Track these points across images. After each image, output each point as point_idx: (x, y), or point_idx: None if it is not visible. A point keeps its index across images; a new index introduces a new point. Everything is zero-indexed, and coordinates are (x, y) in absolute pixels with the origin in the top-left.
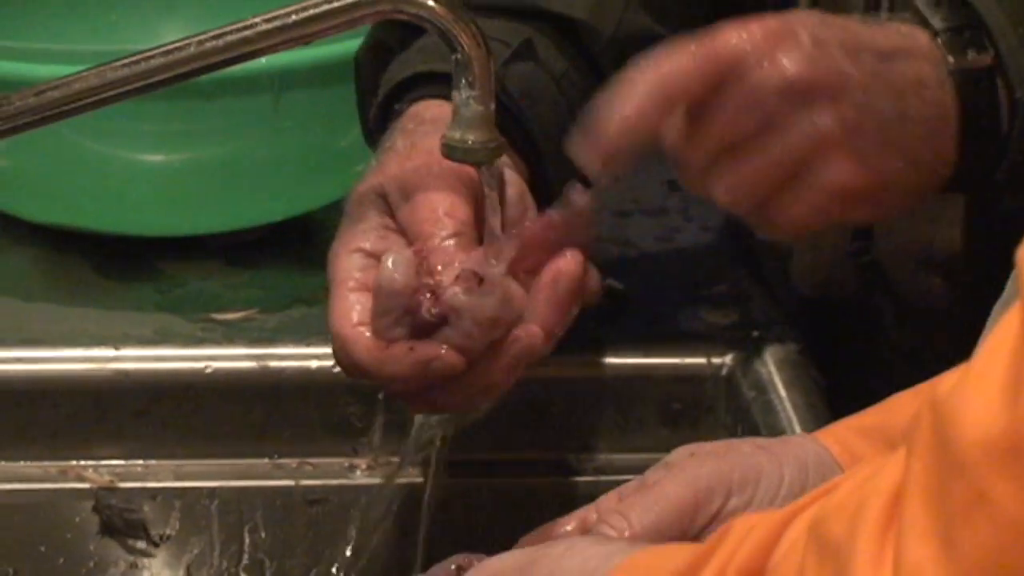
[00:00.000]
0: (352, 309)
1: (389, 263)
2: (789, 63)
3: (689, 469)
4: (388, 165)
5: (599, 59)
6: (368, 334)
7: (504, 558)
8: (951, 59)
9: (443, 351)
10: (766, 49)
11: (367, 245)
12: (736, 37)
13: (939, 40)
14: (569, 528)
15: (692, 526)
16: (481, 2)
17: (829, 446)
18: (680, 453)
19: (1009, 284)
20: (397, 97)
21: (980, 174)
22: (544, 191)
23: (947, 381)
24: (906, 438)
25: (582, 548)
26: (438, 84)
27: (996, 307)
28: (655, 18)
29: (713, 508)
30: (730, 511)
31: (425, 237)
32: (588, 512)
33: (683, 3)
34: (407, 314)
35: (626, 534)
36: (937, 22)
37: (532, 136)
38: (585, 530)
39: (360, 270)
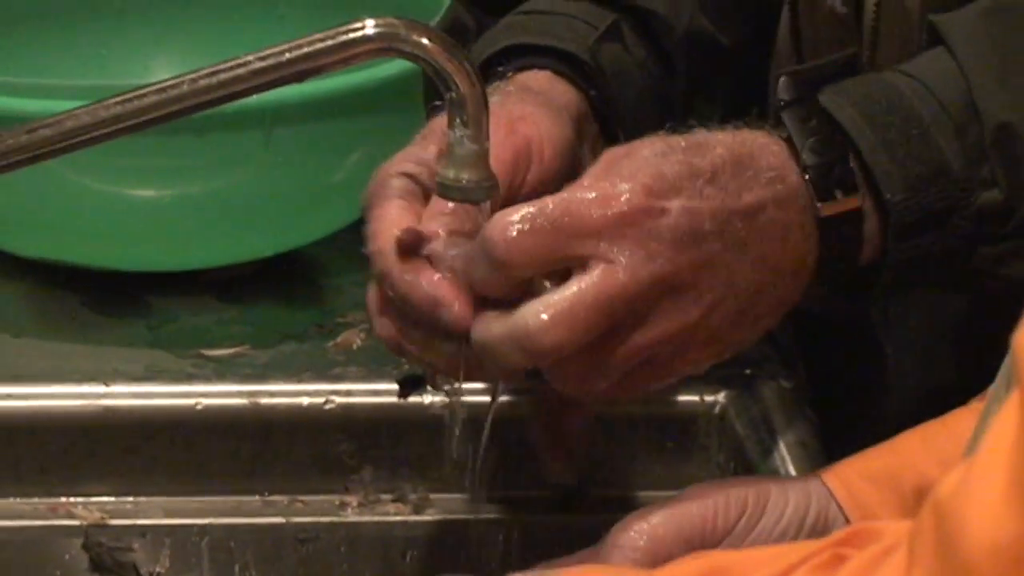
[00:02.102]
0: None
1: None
2: (656, 255)
3: (706, 489)
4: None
5: (673, 55)
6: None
7: None
8: (820, 206)
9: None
10: (630, 236)
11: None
12: (591, 224)
13: (808, 179)
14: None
15: (712, 537)
16: None
17: (834, 489)
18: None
19: (1003, 370)
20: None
21: (845, 294)
22: None
23: (949, 481)
24: (908, 542)
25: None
26: (530, 57)
27: (991, 392)
28: (713, 23)
29: (730, 522)
30: (742, 528)
31: None
32: (584, 557)
33: (735, 13)
34: None
35: (641, 542)
36: (807, 155)
37: (620, 118)
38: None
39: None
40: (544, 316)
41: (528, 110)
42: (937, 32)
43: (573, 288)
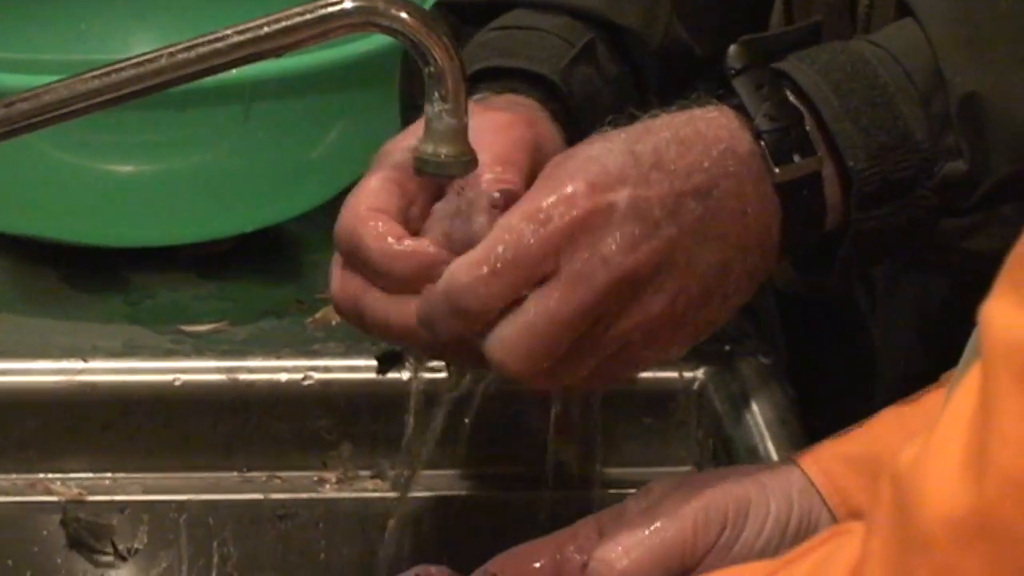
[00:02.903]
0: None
1: None
2: (610, 258)
3: (685, 502)
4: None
5: (644, 69)
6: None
7: None
8: (777, 170)
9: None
10: (583, 243)
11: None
12: (541, 243)
13: (763, 144)
14: (540, 563)
15: (692, 559)
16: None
17: (813, 476)
18: (665, 483)
19: (970, 342)
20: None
21: (805, 266)
22: None
23: (908, 452)
24: (866, 511)
25: None
26: (503, 80)
27: (960, 364)
28: (692, 35)
29: (710, 540)
30: (724, 543)
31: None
32: (563, 538)
33: (719, 24)
34: None
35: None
36: (760, 120)
37: (584, 138)
38: (560, 560)
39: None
40: (501, 352)
41: (538, 116)
42: (905, 3)
43: (530, 314)
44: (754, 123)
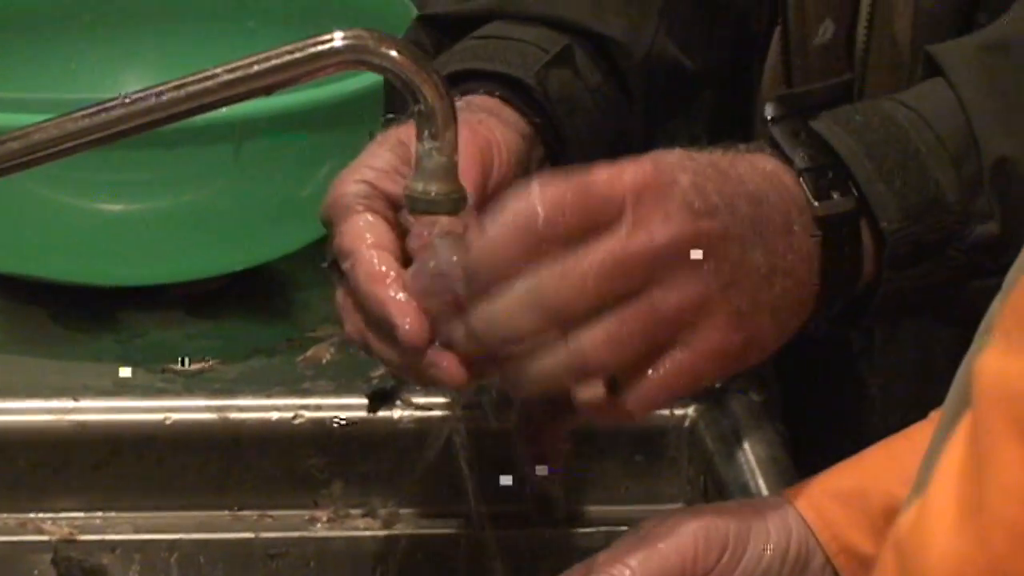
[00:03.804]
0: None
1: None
2: (674, 215)
3: (687, 523)
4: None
5: (630, 80)
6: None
7: None
8: (816, 204)
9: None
10: (649, 200)
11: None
12: (610, 187)
13: (802, 180)
14: None
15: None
16: (519, 12)
17: (803, 511)
18: (658, 518)
19: (952, 395)
20: None
21: (834, 318)
22: None
23: (908, 516)
24: None
25: None
26: (479, 81)
27: (944, 407)
28: (680, 49)
29: (711, 561)
30: (724, 566)
31: None
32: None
33: (706, 40)
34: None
35: None
36: (799, 160)
37: (566, 144)
38: None
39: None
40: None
41: (482, 117)
42: (934, 62)
43: (594, 252)
44: (793, 164)
